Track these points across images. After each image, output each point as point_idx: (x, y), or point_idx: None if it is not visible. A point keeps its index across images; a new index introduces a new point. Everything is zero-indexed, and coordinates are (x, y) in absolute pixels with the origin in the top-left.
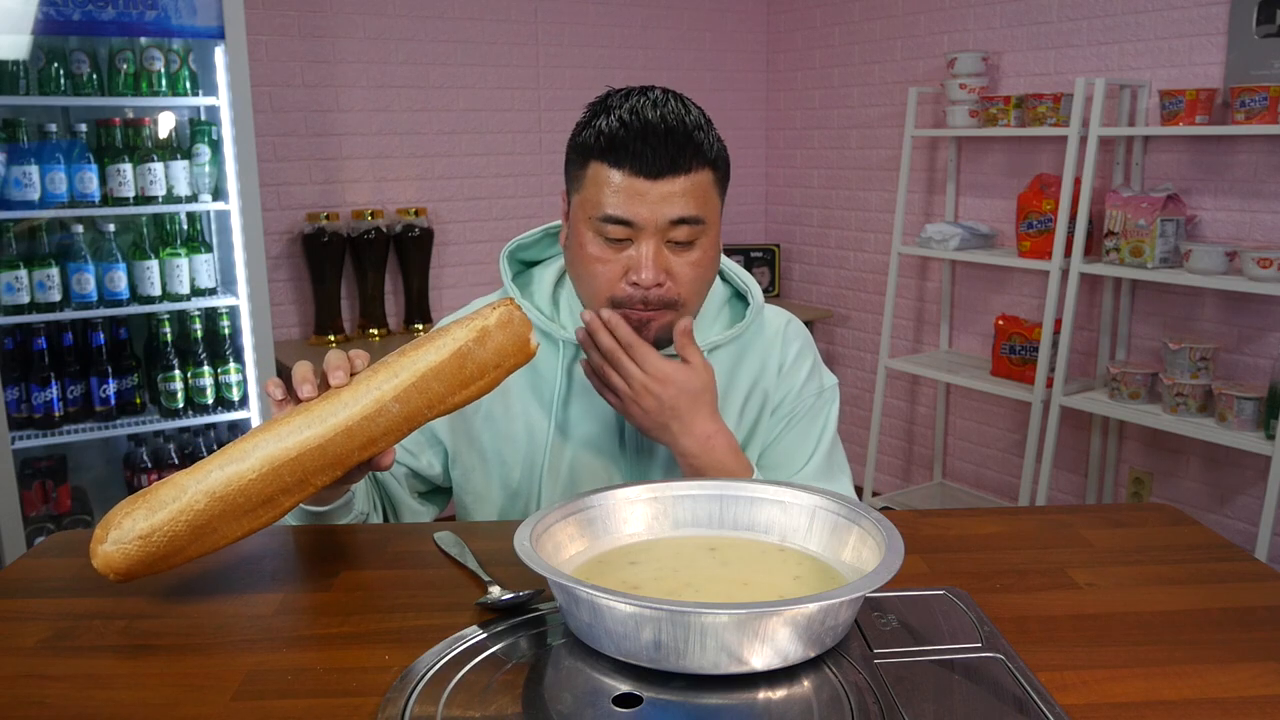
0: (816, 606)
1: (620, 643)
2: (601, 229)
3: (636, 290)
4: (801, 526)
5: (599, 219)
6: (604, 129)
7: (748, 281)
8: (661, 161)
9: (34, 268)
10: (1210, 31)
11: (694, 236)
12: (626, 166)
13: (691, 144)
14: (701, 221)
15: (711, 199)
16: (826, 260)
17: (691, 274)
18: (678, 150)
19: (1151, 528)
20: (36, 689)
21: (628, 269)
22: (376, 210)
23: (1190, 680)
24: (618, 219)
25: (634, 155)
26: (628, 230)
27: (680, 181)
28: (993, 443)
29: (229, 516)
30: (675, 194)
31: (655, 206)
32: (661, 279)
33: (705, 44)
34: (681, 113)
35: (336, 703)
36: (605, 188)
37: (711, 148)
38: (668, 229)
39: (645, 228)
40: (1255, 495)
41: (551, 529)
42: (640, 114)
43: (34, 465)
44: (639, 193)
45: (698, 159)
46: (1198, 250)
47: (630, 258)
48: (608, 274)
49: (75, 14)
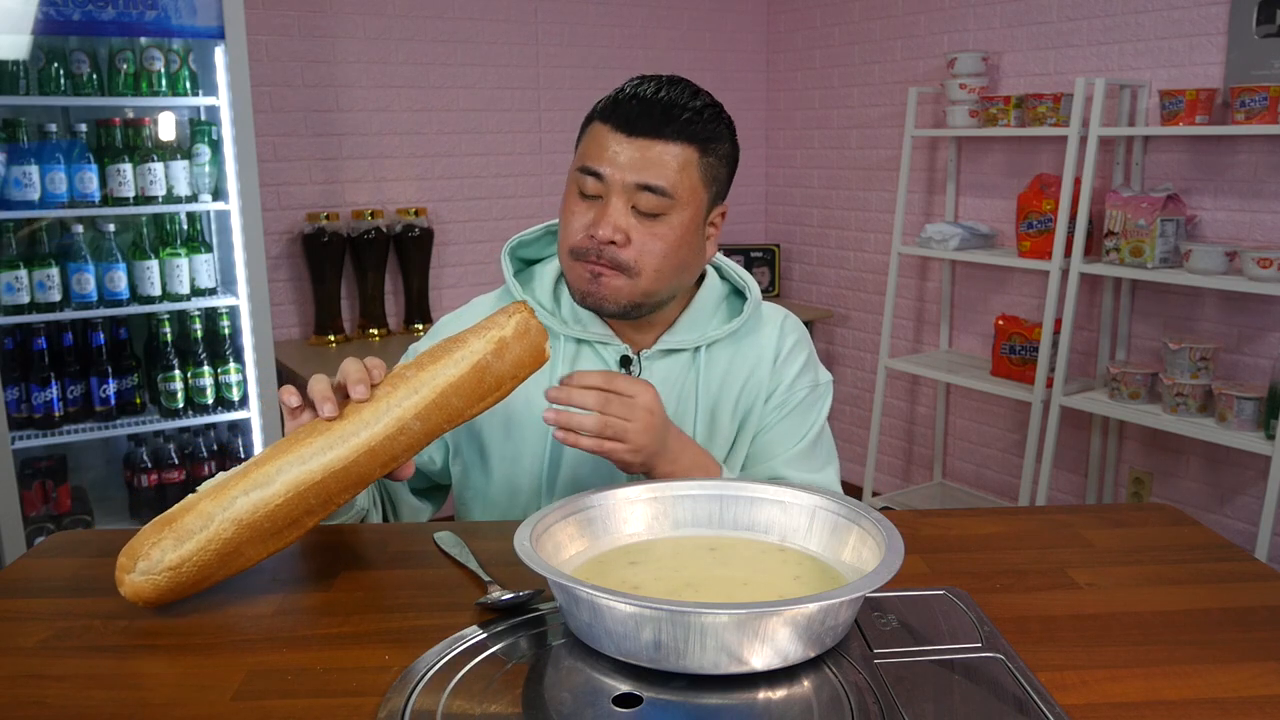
0: (816, 606)
1: (620, 642)
2: (580, 180)
3: (592, 243)
4: (801, 526)
5: (579, 169)
6: (609, 95)
7: (745, 278)
8: (643, 123)
9: (34, 268)
10: (1210, 31)
11: (661, 209)
12: (611, 122)
13: (680, 118)
14: (669, 195)
15: (688, 178)
16: (826, 260)
17: (652, 245)
18: (663, 118)
19: (1151, 528)
20: (36, 689)
21: (589, 224)
22: (376, 210)
23: (1190, 680)
24: (590, 170)
25: (622, 113)
26: (599, 185)
27: (656, 147)
28: (993, 443)
29: (256, 541)
30: (647, 159)
31: (625, 166)
32: (617, 237)
33: (705, 44)
34: (685, 95)
35: (336, 703)
36: (592, 142)
37: (704, 130)
38: (634, 192)
39: (613, 184)
40: (1255, 495)
41: (551, 529)
42: (645, 85)
43: (34, 465)
44: (615, 149)
45: (682, 134)
46: (1198, 250)
47: (597, 213)
48: (574, 224)
49: (75, 14)
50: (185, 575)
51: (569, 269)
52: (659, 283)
